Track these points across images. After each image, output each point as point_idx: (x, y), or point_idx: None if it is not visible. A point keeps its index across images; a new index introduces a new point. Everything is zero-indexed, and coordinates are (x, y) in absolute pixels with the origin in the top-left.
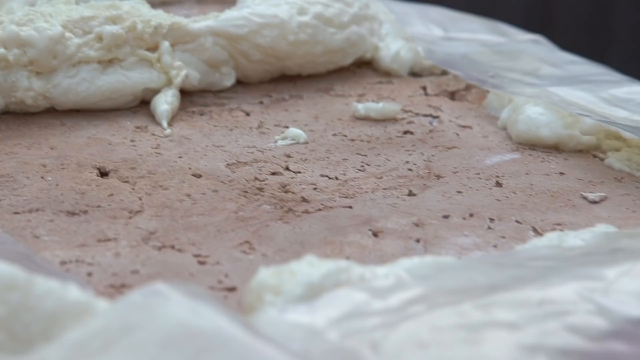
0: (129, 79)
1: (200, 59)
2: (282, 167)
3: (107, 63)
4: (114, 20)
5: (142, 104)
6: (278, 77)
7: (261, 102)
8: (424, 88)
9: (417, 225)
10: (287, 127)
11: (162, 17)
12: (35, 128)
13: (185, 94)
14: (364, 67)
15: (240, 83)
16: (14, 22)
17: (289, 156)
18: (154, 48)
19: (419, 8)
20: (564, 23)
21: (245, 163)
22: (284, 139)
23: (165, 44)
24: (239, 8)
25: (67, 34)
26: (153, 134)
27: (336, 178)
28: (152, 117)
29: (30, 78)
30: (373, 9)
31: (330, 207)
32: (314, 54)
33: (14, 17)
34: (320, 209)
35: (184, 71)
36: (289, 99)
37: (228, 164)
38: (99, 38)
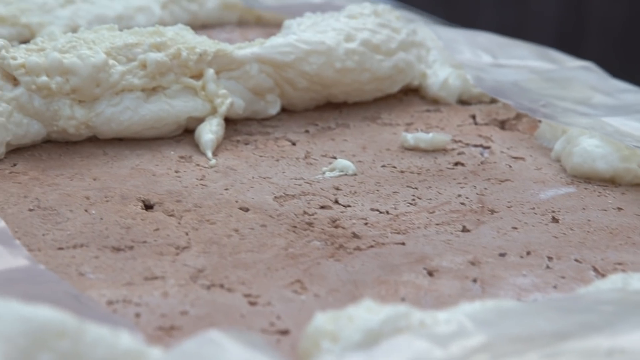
0: (173, 107)
1: (245, 87)
2: (331, 200)
3: (151, 91)
4: (158, 48)
5: (186, 133)
6: (323, 104)
7: (307, 131)
8: (474, 117)
9: (472, 263)
10: (334, 157)
11: (206, 44)
12: (77, 158)
13: (230, 122)
14: (411, 94)
15: (285, 111)
16: (56, 49)
17: (337, 189)
18: (198, 76)
19: (466, 34)
20: (595, 43)
21: (293, 196)
22: (332, 170)
23: (210, 72)
24: (284, 34)
25: (111, 62)
26: (198, 165)
27: (387, 212)
28: (196, 147)
29: (72, 106)
30: (420, 35)
31: (383, 244)
32: (360, 81)
33: (56, 43)
34: (372, 246)
35: (228, 99)
36: (335, 128)
37: (276, 197)
38: (143, 65)
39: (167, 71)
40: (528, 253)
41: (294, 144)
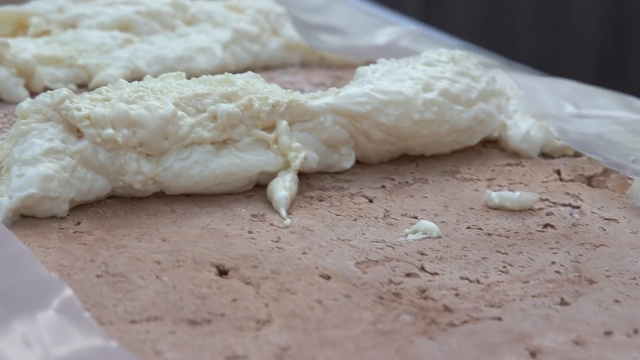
0: (244, 161)
1: (319, 139)
2: (417, 267)
3: (221, 144)
4: (228, 98)
5: (257, 188)
6: (398, 157)
7: (383, 187)
8: (558, 172)
9: (577, 343)
10: (415, 217)
11: (279, 93)
12: (144, 216)
13: (301, 176)
14: (490, 146)
15: (359, 163)
16: (122, 99)
17: (422, 253)
18: (270, 127)
19: (546, 81)
20: (637, 67)
21: (376, 262)
22: (414, 232)
23: (283, 124)
24: (359, 83)
25: (180, 113)
26: (271, 224)
27: (478, 281)
28: (268, 203)
29: (139, 160)
30: (499, 83)
31: (477, 319)
32: (439, 133)
33: (122, 93)
34: (466, 321)
35: (302, 153)
36: (413, 183)
37: (358, 263)
38: (213, 117)
39: (238, 123)
40: (635, 331)
41: (371, 200)
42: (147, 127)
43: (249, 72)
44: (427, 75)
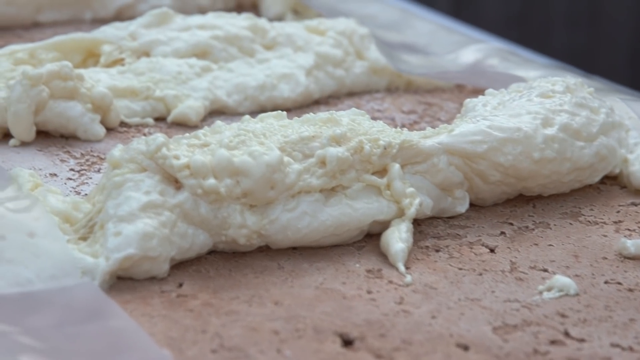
0: (355, 210)
1: (433, 182)
2: (560, 332)
3: (330, 192)
4: (337, 141)
5: (366, 237)
6: (513, 197)
7: (503, 233)
8: None
9: None
10: (545, 269)
11: (389, 133)
12: (250, 274)
13: (413, 222)
14: (610, 182)
15: (472, 206)
16: (223, 144)
17: (563, 315)
18: (381, 172)
19: None
20: None
21: (515, 327)
22: (549, 289)
23: (396, 167)
24: (472, 117)
25: (286, 159)
26: (390, 282)
27: (631, 349)
28: (382, 256)
29: (243, 213)
30: (617, 114)
31: None
32: (560, 172)
33: (222, 138)
34: None
35: (417, 199)
36: (534, 229)
37: (495, 328)
38: (322, 163)
39: (348, 168)
40: None
41: (492, 250)
42: (251, 175)
43: (354, 109)
44: (545, 108)
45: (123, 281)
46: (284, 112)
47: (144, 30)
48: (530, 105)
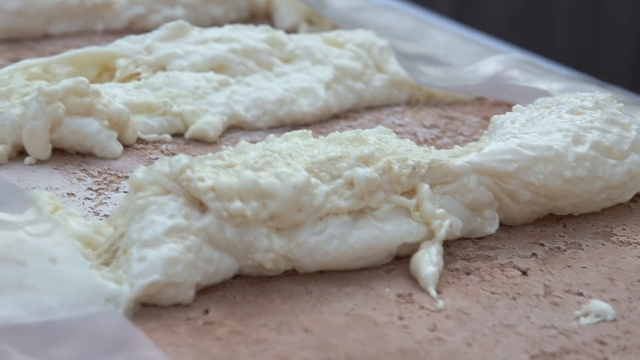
0: (384, 232)
1: (462, 202)
2: None
3: (358, 213)
4: (365, 161)
5: (395, 260)
6: (542, 217)
7: (534, 254)
8: None
9: None
10: (580, 293)
11: (417, 153)
12: (277, 299)
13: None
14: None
15: (501, 226)
16: (248, 165)
17: (602, 342)
18: (409, 192)
19: None
20: None
21: (553, 355)
22: (586, 315)
23: (425, 188)
24: (500, 135)
25: (313, 180)
26: (422, 307)
27: None
28: (412, 280)
29: (270, 236)
30: None
31: None
32: (591, 191)
33: (247, 158)
34: None
35: (447, 221)
36: (565, 250)
37: (532, 357)
38: (350, 184)
39: (376, 189)
40: None
41: (524, 273)
42: (278, 198)
43: (380, 127)
44: (576, 125)
45: (147, 308)
46: (309, 131)
47: (160, 44)
48: (561, 122)
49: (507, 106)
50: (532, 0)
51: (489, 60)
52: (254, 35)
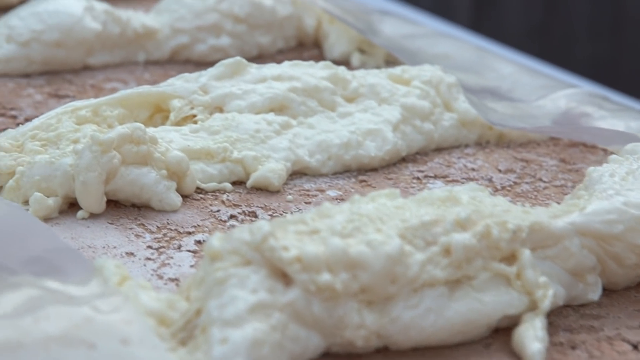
0: (483, 304)
1: (564, 268)
2: None
3: (454, 283)
4: (462, 225)
5: (492, 333)
6: None
7: None
8: None
9: None
10: None
11: (516, 214)
12: None
13: None
14: None
15: (602, 291)
16: (335, 232)
17: None
18: (508, 258)
19: None
20: None
21: None
22: None
23: (527, 254)
24: (601, 191)
25: (407, 248)
26: None
27: None
28: (513, 355)
29: (361, 311)
30: None
31: None
32: None
33: (333, 223)
34: None
35: (551, 290)
36: None
37: None
38: (446, 252)
39: (474, 256)
40: None
41: (635, 347)
42: (370, 269)
43: (472, 185)
44: None
45: None
46: (397, 191)
47: (216, 83)
48: None
49: (583, 147)
50: (551, 9)
51: (558, 95)
52: (316, 73)
